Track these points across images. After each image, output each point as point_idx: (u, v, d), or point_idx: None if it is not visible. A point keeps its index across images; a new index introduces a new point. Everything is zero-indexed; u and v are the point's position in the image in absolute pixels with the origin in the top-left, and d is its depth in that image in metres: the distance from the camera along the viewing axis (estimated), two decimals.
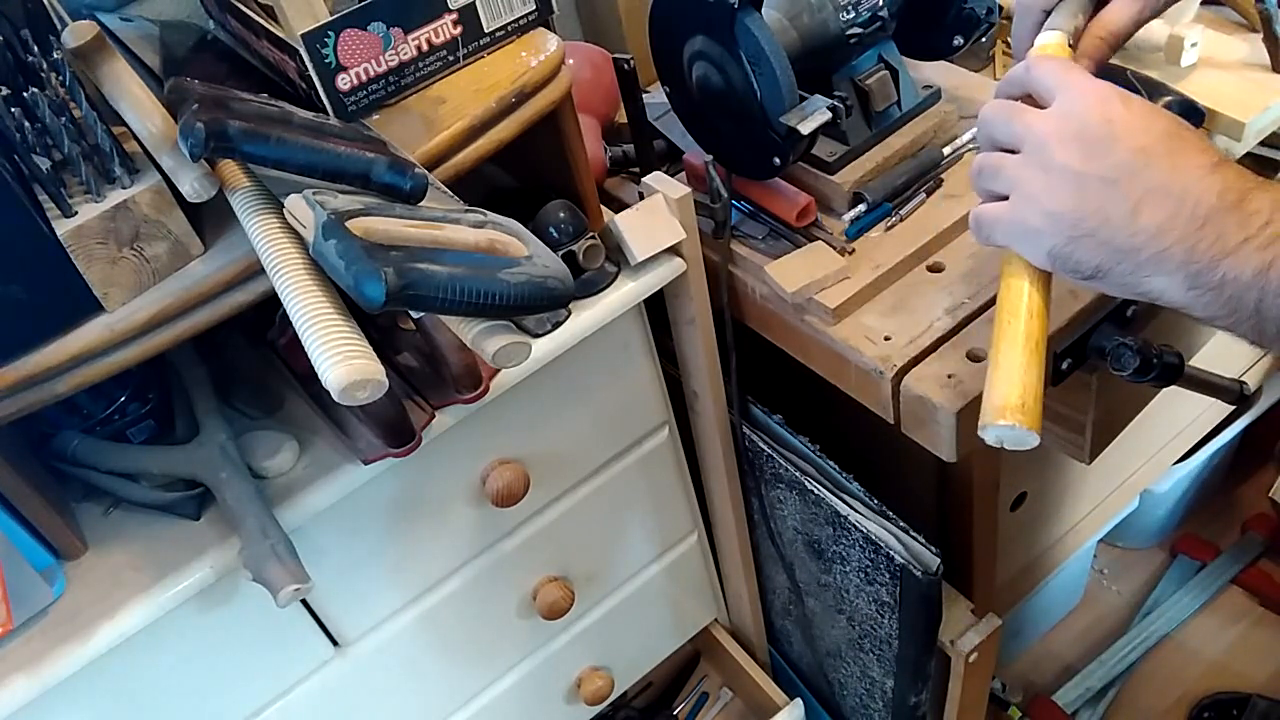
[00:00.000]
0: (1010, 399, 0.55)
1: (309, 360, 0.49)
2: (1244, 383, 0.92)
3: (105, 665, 0.68)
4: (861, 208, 0.82)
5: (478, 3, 0.71)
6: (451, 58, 0.72)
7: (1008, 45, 0.98)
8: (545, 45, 0.73)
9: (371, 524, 0.80)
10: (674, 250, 0.81)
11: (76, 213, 0.58)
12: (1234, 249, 0.50)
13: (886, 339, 0.76)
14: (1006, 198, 0.58)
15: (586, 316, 0.79)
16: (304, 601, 0.80)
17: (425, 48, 0.70)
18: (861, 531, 0.89)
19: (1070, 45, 0.66)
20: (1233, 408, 1.18)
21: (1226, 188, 0.51)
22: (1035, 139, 0.56)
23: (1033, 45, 0.66)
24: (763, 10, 0.74)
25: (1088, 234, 0.54)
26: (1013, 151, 0.58)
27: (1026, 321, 0.58)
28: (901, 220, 0.83)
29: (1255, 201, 0.50)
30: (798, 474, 0.93)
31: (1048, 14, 0.67)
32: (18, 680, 0.66)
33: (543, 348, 0.77)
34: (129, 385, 0.74)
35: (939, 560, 0.85)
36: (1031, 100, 0.59)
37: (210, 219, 0.64)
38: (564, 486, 0.93)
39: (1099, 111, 0.54)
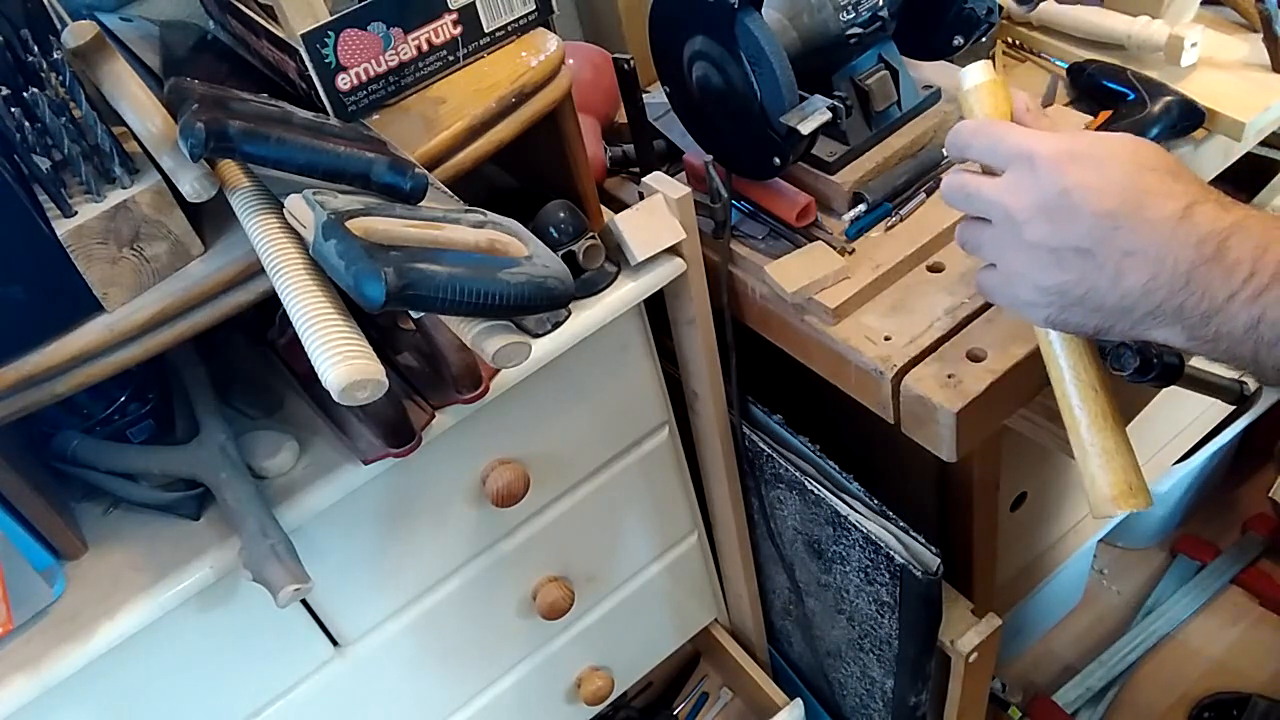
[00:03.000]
0: (1119, 487, 0.56)
1: (309, 360, 0.49)
2: (1244, 383, 0.92)
3: (105, 665, 0.68)
4: (861, 208, 0.82)
5: (478, 3, 0.71)
6: (451, 58, 0.72)
7: (1008, 45, 0.98)
8: (545, 45, 0.73)
9: (372, 524, 0.80)
10: (674, 250, 0.81)
11: (76, 213, 0.58)
12: (1221, 306, 0.49)
13: (886, 339, 0.76)
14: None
15: (586, 316, 0.79)
16: (304, 601, 0.80)
17: (425, 48, 0.70)
18: (861, 531, 0.89)
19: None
20: (1233, 408, 1.18)
21: (1203, 237, 0.49)
22: (999, 213, 0.55)
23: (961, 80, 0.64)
24: (763, 10, 0.74)
25: (1076, 302, 0.54)
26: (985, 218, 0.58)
27: (1095, 400, 0.58)
28: (901, 220, 0.83)
29: (1235, 249, 0.49)
30: (798, 474, 0.93)
31: None
32: (18, 680, 0.66)
33: (543, 348, 0.77)
34: (129, 385, 0.74)
35: (939, 560, 0.85)
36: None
37: (210, 219, 0.64)
38: (564, 486, 0.93)
39: (1052, 182, 0.53)
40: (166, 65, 0.79)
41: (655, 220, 0.79)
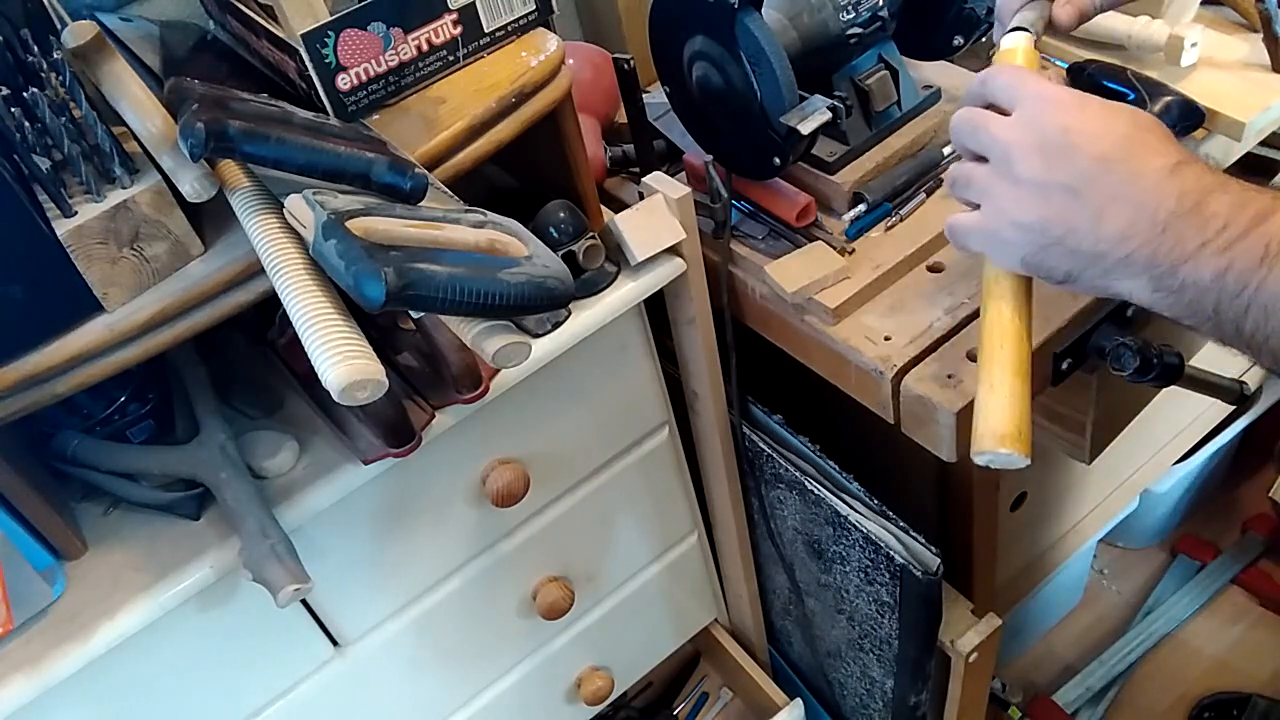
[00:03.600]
0: (1009, 427, 0.56)
1: (309, 360, 0.49)
2: (1244, 383, 0.93)
3: (105, 665, 0.68)
4: (861, 208, 0.82)
5: (478, 3, 0.71)
6: (451, 58, 0.72)
7: None
8: (545, 45, 0.73)
9: (371, 524, 0.80)
10: (674, 250, 0.81)
11: (76, 213, 0.58)
12: (1192, 253, 0.50)
13: (886, 339, 0.76)
14: (980, 205, 0.59)
15: (586, 316, 0.79)
16: (304, 601, 0.80)
17: (425, 48, 0.70)
18: (861, 531, 0.89)
19: (1038, 36, 0.66)
20: (1233, 408, 1.18)
21: (1185, 190, 0.51)
22: (999, 149, 0.57)
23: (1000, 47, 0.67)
24: (763, 10, 0.74)
25: (1055, 242, 0.55)
26: (984, 159, 0.59)
27: (1017, 346, 0.59)
28: (901, 220, 0.83)
29: (1214, 204, 0.51)
30: (798, 474, 0.93)
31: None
32: (18, 680, 0.66)
33: (543, 348, 0.77)
34: (129, 385, 0.74)
35: (939, 560, 0.85)
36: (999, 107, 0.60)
37: (210, 219, 0.64)
38: (564, 486, 0.93)
39: (1056, 120, 0.55)
40: (166, 65, 0.79)
41: (655, 220, 0.79)
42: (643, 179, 0.81)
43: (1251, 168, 0.95)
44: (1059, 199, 0.54)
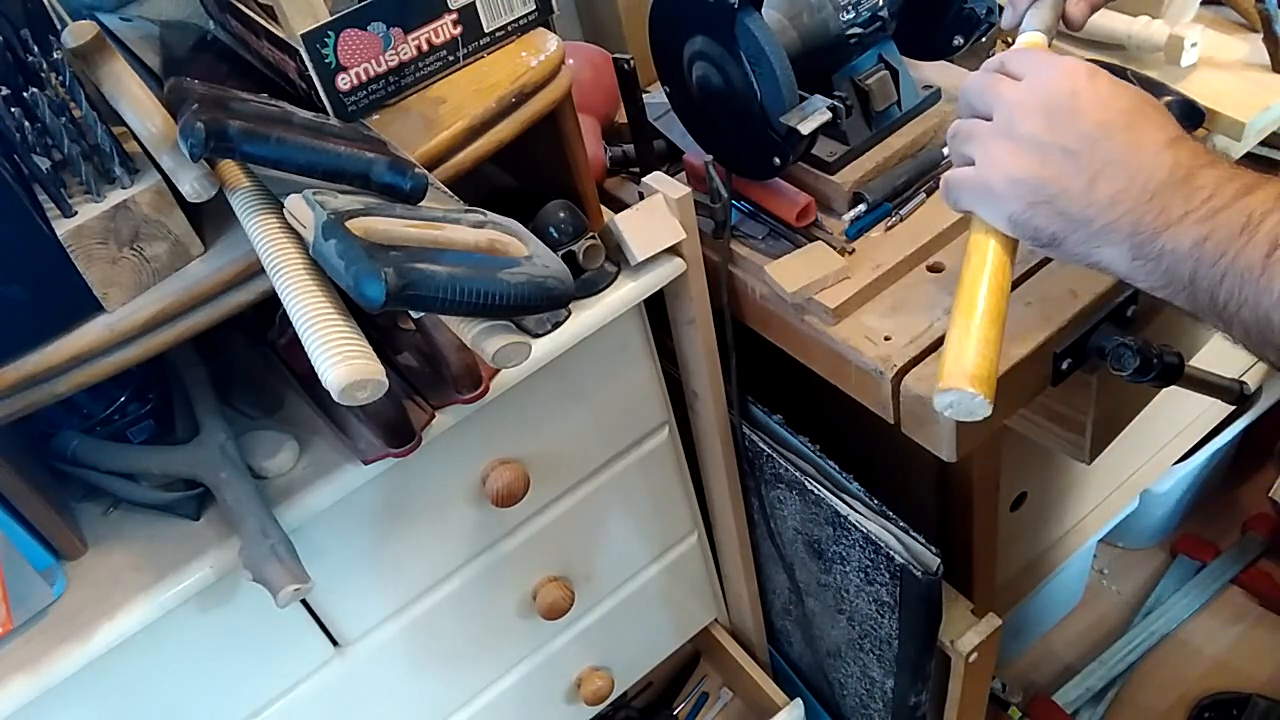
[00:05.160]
0: (981, 369, 0.56)
1: (309, 360, 0.49)
2: (1244, 383, 0.92)
3: (105, 665, 0.68)
4: (861, 208, 0.82)
5: (478, 3, 0.71)
6: (451, 58, 0.72)
7: (1007, 45, 0.98)
8: (545, 45, 0.73)
9: (372, 524, 0.80)
10: (674, 250, 0.81)
11: (76, 213, 0.58)
12: (1175, 221, 0.52)
13: (886, 339, 0.76)
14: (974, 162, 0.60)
15: (586, 316, 0.79)
16: (304, 601, 0.80)
17: (425, 48, 0.70)
18: (861, 531, 0.89)
19: (1051, 38, 0.68)
20: (1233, 408, 1.18)
21: (1178, 163, 0.52)
22: (1005, 107, 0.58)
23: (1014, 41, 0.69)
24: (763, 10, 0.74)
25: (1046, 201, 0.56)
26: (987, 119, 0.60)
27: (998, 301, 0.59)
28: (901, 220, 0.83)
29: (1202, 177, 0.52)
30: (798, 474, 0.93)
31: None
32: (18, 680, 0.66)
33: (543, 348, 0.77)
34: (129, 385, 0.74)
35: (939, 560, 0.85)
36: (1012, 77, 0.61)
37: (210, 219, 0.64)
38: (564, 486, 0.93)
39: (1065, 84, 0.56)
40: (166, 65, 0.79)
41: (655, 220, 0.79)
42: (643, 179, 0.81)
43: (1251, 168, 0.95)
44: (1057, 159, 0.55)
